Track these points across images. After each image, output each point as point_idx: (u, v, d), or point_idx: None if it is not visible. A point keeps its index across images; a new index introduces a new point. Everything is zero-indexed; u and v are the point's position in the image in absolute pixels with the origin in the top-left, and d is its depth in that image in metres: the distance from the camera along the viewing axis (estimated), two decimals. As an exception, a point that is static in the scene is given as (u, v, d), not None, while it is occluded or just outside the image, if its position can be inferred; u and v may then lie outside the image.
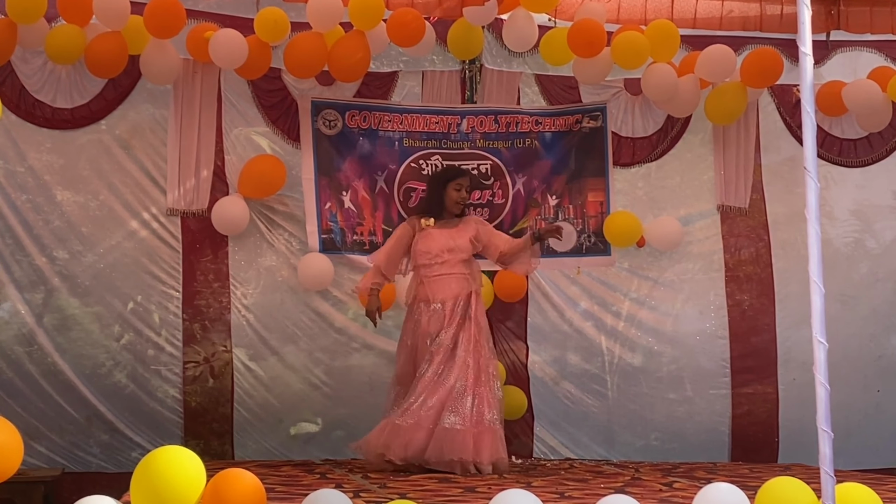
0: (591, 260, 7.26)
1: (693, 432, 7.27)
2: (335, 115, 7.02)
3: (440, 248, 6.21)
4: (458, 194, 6.33)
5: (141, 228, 6.81)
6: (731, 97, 7.09)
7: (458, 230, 6.30)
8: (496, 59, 7.24)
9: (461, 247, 6.24)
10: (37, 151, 6.71)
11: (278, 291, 7.00)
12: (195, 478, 3.50)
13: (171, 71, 6.64)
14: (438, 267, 6.21)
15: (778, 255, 7.42)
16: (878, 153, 7.55)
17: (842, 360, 6.62)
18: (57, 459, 6.63)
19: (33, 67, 6.63)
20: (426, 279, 6.23)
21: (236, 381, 6.87)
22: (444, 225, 6.31)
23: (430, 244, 6.24)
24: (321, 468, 6.22)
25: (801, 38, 3.53)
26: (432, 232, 6.27)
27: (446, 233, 6.27)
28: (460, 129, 7.15)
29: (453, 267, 6.22)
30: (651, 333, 7.35)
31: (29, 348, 6.65)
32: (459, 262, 6.24)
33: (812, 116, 3.47)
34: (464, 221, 6.38)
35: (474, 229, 6.35)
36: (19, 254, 6.65)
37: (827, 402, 3.34)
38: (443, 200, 6.34)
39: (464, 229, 6.31)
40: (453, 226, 6.32)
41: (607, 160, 7.26)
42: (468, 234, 6.29)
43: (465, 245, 6.26)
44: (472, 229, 6.34)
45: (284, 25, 6.48)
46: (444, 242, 6.23)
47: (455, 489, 5.15)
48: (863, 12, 6.94)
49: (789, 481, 3.69)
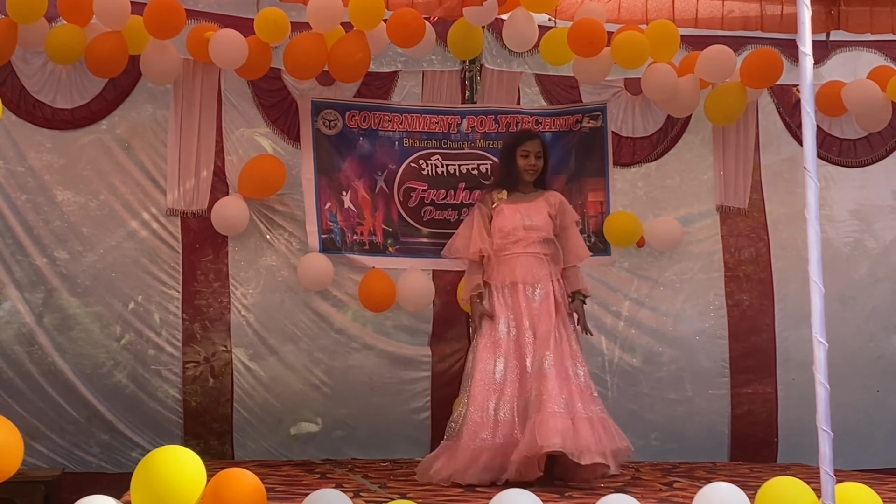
0: (591, 260, 7.18)
1: (693, 432, 7.27)
2: (335, 115, 7.03)
3: (517, 226, 5.74)
4: (525, 161, 5.84)
5: (141, 228, 6.80)
6: (731, 97, 7.09)
7: (534, 205, 5.80)
8: (496, 59, 7.24)
9: (537, 225, 5.74)
10: (37, 151, 6.71)
11: (278, 291, 6.99)
12: (195, 478, 3.51)
13: (171, 71, 6.64)
14: (512, 246, 5.74)
15: (777, 255, 7.42)
16: (877, 153, 7.55)
17: (841, 359, 6.62)
18: (57, 459, 6.63)
19: (33, 67, 6.63)
20: (498, 258, 5.73)
21: (236, 381, 6.87)
22: (519, 199, 5.83)
23: (503, 222, 5.76)
24: (321, 468, 6.22)
25: (801, 38, 3.53)
26: (504, 208, 5.78)
27: (522, 207, 5.80)
28: (460, 129, 7.15)
29: (528, 246, 5.74)
30: (651, 333, 7.35)
31: (29, 348, 6.65)
32: (537, 241, 5.75)
33: (812, 116, 3.47)
34: (545, 196, 5.86)
35: (555, 207, 5.82)
36: (19, 254, 6.65)
37: (827, 402, 3.35)
38: (514, 170, 5.88)
39: (542, 204, 5.81)
40: (530, 200, 5.84)
41: (607, 160, 7.27)
42: (546, 209, 5.79)
43: (543, 222, 5.76)
44: (553, 206, 5.81)
45: (284, 26, 6.48)
46: (519, 219, 5.76)
47: (455, 489, 5.15)
48: (863, 12, 6.94)
49: (789, 481, 3.69)
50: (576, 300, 5.83)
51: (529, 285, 5.70)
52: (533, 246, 5.73)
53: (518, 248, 5.74)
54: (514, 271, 5.73)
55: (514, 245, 5.75)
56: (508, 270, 5.74)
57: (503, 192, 5.86)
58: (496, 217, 5.80)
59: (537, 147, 5.90)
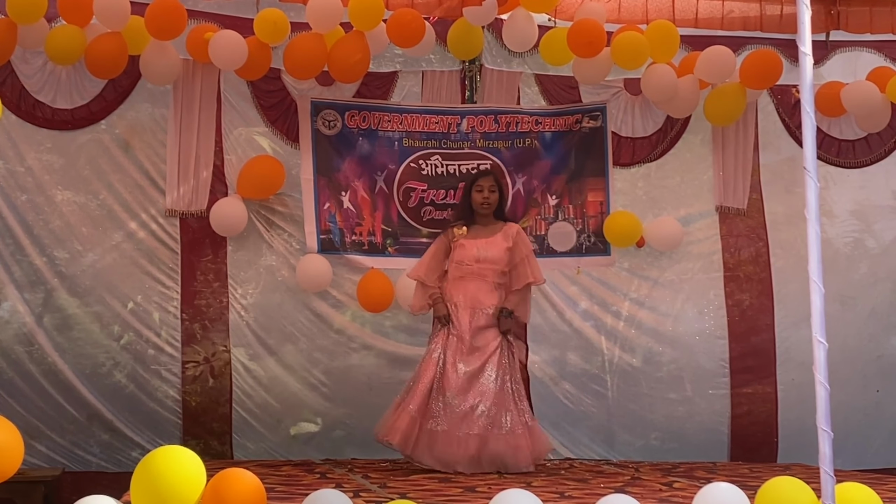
0: (591, 260, 7.26)
1: (693, 432, 7.27)
2: (334, 116, 7.02)
3: (471, 258, 6.16)
4: (479, 195, 6.25)
5: (140, 229, 6.81)
6: (731, 98, 7.09)
7: (492, 240, 6.21)
8: (496, 58, 7.25)
9: (492, 258, 6.16)
10: (37, 151, 6.71)
11: (277, 292, 7.00)
12: (195, 478, 3.51)
13: (170, 71, 6.64)
14: (467, 275, 6.17)
15: (777, 255, 7.42)
16: (876, 154, 7.55)
17: (841, 360, 6.62)
18: (57, 459, 6.63)
19: (33, 68, 6.64)
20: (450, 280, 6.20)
21: (235, 382, 6.87)
22: (478, 233, 6.24)
23: (462, 254, 6.18)
24: (321, 468, 6.22)
25: (800, 38, 3.53)
26: (465, 243, 6.20)
27: (480, 242, 6.20)
28: (460, 128, 7.15)
29: (485, 277, 6.16)
30: (651, 333, 7.35)
31: (29, 348, 6.65)
32: (493, 272, 6.18)
33: (811, 117, 3.47)
34: (503, 230, 6.27)
35: (511, 238, 6.22)
36: (19, 254, 6.66)
37: (827, 402, 3.35)
38: (470, 205, 6.30)
39: (500, 238, 6.22)
40: (489, 234, 6.25)
41: (607, 160, 7.27)
42: (504, 244, 6.20)
43: (497, 255, 6.17)
44: (509, 238, 6.21)
45: (284, 27, 6.48)
46: (475, 253, 6.16)
47: (455, 489, 5.15)
48: (863, 12, 6.95)
49: (789, 481, 3.69)
50: (503, 315, 6.18)
51: (477, 309, 6.14)
52: (486, 276, 6.16)
53: (470, 277, 6.17)
54: (464, 292, 6.15)
55: (469, 275, 6.16)
56: (459, 293, 6.15)
57: (463, 228, 6.25)
58: (456, 249, 6.21)
59: (490, 182, 6.30)
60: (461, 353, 6.07)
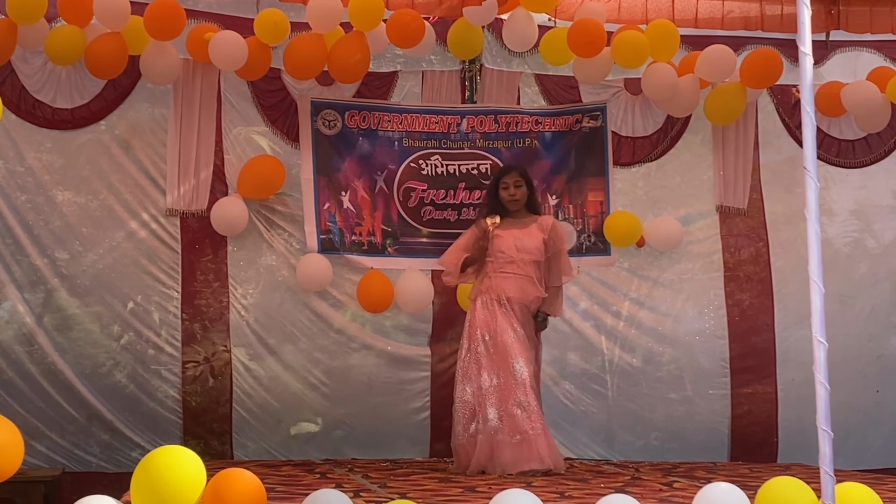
0: (591, 260, 7.26)
1: (693, 432, 7.27)
2: (335, 116, 7.03)
3: (511, 248, 6.14)
4: (506, 192, 6.23)
5: (140, 229, 6.81)
6: (731, 97, 7.09)
7: (527, 231, 6.22)
8: (496, 58, 7.25)
9: (530, 248, 6.17)
10: (37, 151, 6.71)
11: (277, 291, 7.00)
12: (195, 478, 3.50)
13: (170, 71, 6.63)
14: (508, 266, 6.15)
15: (777, 255, 7.42)
16: (875, 154, 7.55)
17: (841, 360, 6.62)
18: (57, 459, 6.63)
19: (33, 67, 6.64)
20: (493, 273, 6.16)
21: (235, 381, 6.87)
22: (512, 225, 6.22)
23: (501, 244, 6.15)
24: (321, 468, 6.22)
25: (800, 38, 3.53)
26: (500, 233, 6.16)
27: (516, 233, 6.19)
28: (460, 128, 7.15)
29: (526, 267, 6.16)
30: (651, 333, 7.35)
31: (29, 348, 6.65)
32: (532, 264, 6.17)
33: (812, 116, 3.46)
34: (538, 222, 6.28)
35: (547, 231, 6.24)
36: (19, 254, 6.66)
37: (827, 402, 3.34)
38: (499, 201, 6.28)
39: (535, 230, 6.23)
40: (523, 226, 6.25)
41: (607, 160, 7.27)
42: (540, 235, 6.21)
43: (535, 246, 6.18)
44: (545, 230, 6.23)
45: (284, 27, 6.48)
46: (513, 242, 6.15)
47: (455, 489, 5.15)
48: (863, 12, 6.95)
49: (789, 481, 3.68)
50: (539, 320, 6.28)
51: (524, 303, 6.15)
52: (527, 266, 6.14)
53: (511, 268, 6.14)
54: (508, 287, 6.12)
55: (510, 265, 6.13)
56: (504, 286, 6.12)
57: (496, 218, 6.20)
58: (493, 241, 6.17)
59: (514, 178, 6.28)
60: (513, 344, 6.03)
